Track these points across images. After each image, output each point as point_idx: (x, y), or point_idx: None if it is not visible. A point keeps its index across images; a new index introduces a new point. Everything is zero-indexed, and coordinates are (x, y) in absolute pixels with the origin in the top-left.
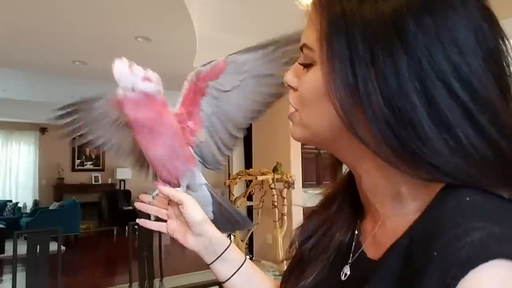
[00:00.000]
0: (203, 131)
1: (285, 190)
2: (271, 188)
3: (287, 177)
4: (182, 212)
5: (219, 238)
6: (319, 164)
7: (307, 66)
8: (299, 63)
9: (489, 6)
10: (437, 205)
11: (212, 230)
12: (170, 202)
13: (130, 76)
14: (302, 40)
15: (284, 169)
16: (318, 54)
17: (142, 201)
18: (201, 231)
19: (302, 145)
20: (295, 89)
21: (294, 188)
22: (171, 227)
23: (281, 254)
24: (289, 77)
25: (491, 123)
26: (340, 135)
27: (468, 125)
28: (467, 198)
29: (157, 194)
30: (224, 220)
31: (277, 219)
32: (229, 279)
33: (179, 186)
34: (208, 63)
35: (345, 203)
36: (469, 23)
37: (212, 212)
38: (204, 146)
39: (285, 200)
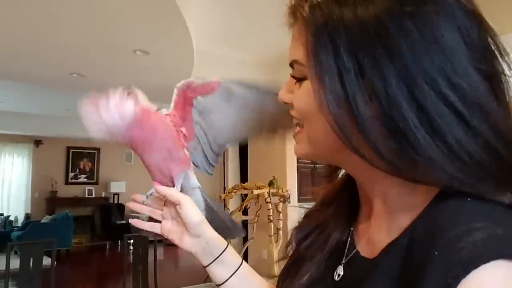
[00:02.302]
0: (196, 138)
1: (281, 204)
2: (267, 202)
3: (282, 191)
4: (179, 213)
5: (216, 239)
6: (315, 179)
7: (299, 80)
8: (292, 76)
9: (474, 5)
10: (437, 205)
11: (210, 232)
12: (167, 202)
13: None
14: (290, 56)
15: (280, 183)
16: (307, 69)
17: (135, 201)
18: (198, 232)
19: (298, 159)
20: (290, 104)
21: (289, 203)
22: (166, 228)
23: (276, 269)
24: (283, 93)
25: (484, 124)
26: (341, 145)
27: (460, 129)
28: (468, 199)
29: (151, 194)
30: (216, 226)
31: (272, 233)
32: (225, 281)
33: (173, 187)
34: (202, 78)
35: (343, 203)
36: (453, 24)
37: (205, 217)
38: (196, 152)
39: (281, 214)
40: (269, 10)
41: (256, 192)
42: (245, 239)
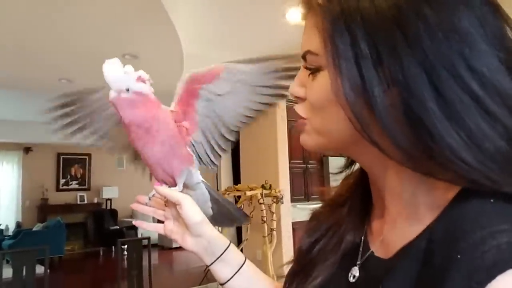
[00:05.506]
0: (199, 132)
1: (274, 205)
2: (260, 204)
3: (275, 192)
4: (180, 213)
5: (218, 238)
6: (307, 179)
7: (314, 71)
8: (305, 68)
9: None
10: (458, 206)
11: (211, 231)
12: (168, 202)
13: (123, 76)
14: (303, 48)
15: (272, 184)
16: (323, 57)
17: (138, 202)
18: (200, 232)
19: (290, 159)
20: (303, 99)
21: (283, 203)
22: (169, 228)
23: (271, 270)
24: (295, 88)
25: (503, 109)
26: (357, 137)
27: (479, 115)
28: (491, 200)
29: (153, 195)
30: (223, 216)
31: (266, 234)
32: (229, 280)
33: (175, 185)
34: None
35: (357, 202)
36: (471, 11)
37: (211, 208)
38: (199, 146)
39: (274, 215)
40: (256, 12)
41: (249, 193)
42: (239, 241)
